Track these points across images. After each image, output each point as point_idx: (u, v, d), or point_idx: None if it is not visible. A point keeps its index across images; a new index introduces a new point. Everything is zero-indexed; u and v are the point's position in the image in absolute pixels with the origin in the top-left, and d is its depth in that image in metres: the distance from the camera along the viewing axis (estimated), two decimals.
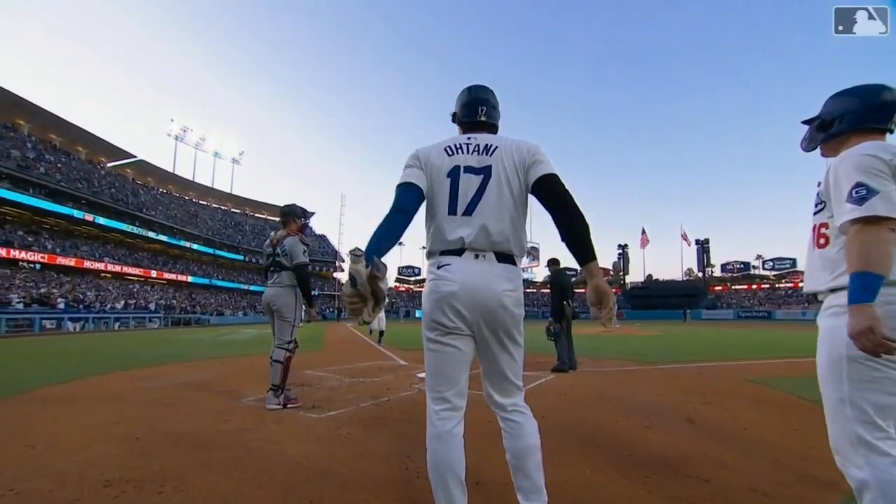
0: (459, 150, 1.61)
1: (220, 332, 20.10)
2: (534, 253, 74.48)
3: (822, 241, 1.48)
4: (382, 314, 10.24)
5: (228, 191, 56.79)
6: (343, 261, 70.24)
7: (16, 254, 26.95)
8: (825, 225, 1.46)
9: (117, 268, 34.14)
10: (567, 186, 1.51)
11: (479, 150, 1.60)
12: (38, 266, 28.43)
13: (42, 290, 24.53)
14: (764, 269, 61.90)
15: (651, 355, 8.54)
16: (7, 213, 29.61)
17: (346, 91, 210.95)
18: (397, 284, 77.96)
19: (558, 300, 6.46)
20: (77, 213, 32.28)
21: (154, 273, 37.51)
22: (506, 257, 1.55)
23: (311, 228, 70.72)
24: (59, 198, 31.34)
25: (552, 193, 1.50)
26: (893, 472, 1.23)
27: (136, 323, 26.37)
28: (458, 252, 1.53)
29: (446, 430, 1.50)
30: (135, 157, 41.43)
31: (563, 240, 1.46)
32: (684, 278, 69.90)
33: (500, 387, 1.58)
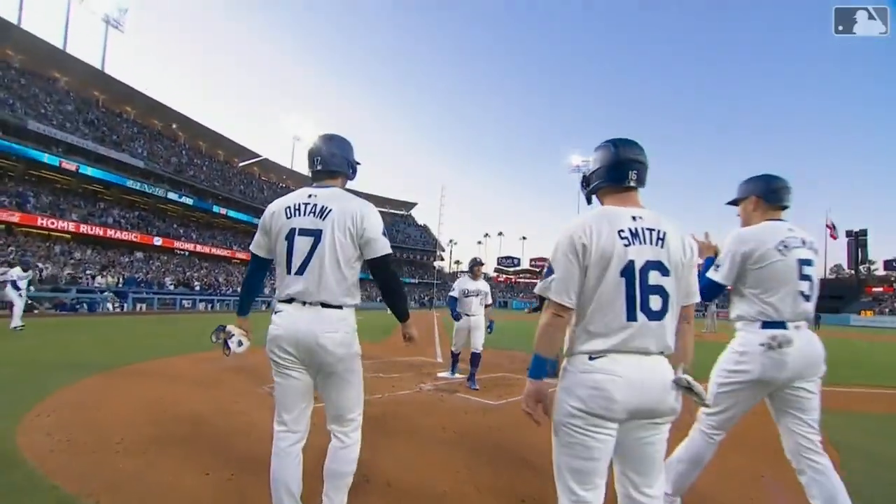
0: (297, 212, 1.86)
1: None
2: None
3: None
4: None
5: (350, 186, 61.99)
6: (443, 249, 72.60)
7: (172, 243, 32.94)
8: None
9: (244, 255, 39.70)
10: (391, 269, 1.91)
11: (314, 212, 1.82)
12: (187, 253, 34.37)
13: (186, 275, 29.64)
14: None
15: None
16: (167, 210, 36.24)
17: (449, 89, 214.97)
18: (496, 274, 78.23)
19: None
20: (216, 208, 38.19)
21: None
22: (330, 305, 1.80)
23: (413, 218, 74.32)
24: (203, 195, 37.38)
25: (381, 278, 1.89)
26: None
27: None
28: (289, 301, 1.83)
29: (281, 449, 1.82)
30: (260, 156, 47.51)
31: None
32: (829, 276, 59.12)
33: (330, 415, 1.90)
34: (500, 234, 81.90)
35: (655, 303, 1.29)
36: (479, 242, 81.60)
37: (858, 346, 15.76)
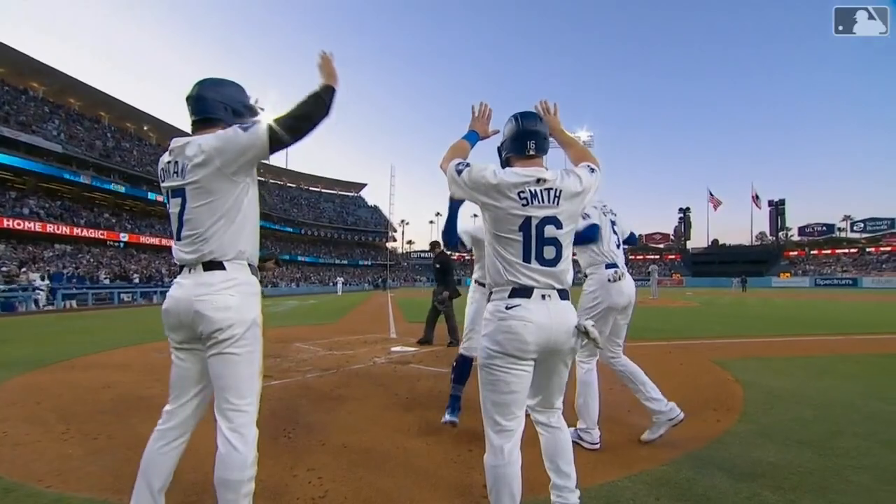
0: (164, 175, 1.65)
1: (265, 303, 21.68)
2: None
3: None
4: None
5: (284, 166, 59.65)
6: (395, 230, 72.03)
7: (103, 234, 30.54)
8: None
9: None
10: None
11: (177, 171, 1.58)
12: (122, 244, 32.05)
13: (123, 267, 27.75)
14: (853, 231, 55.50)
15: (652, 331, 8.27)
16: (95, 198, 33.43)
17: (392, 62, 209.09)
18: (449, 252, 78.45)
19: (441, 277, 6.74)
20: (151, 195, 35.64)
21: None
22: (213, 264, 1.55)
23: (363, 200, 73.00)
24: (136, 182, 34.72)
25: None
26: (490, 460, 1.51)
27: None
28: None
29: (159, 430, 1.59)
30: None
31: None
32: (754, 242, 64.60)
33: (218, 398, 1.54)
34: (438, 214, 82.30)
35: (549, 252, 1.51)
36: (432, 222, 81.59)
37: (775, 303, 17.53)
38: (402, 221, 76.97)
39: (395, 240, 73.45)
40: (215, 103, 1.64)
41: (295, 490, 2.09)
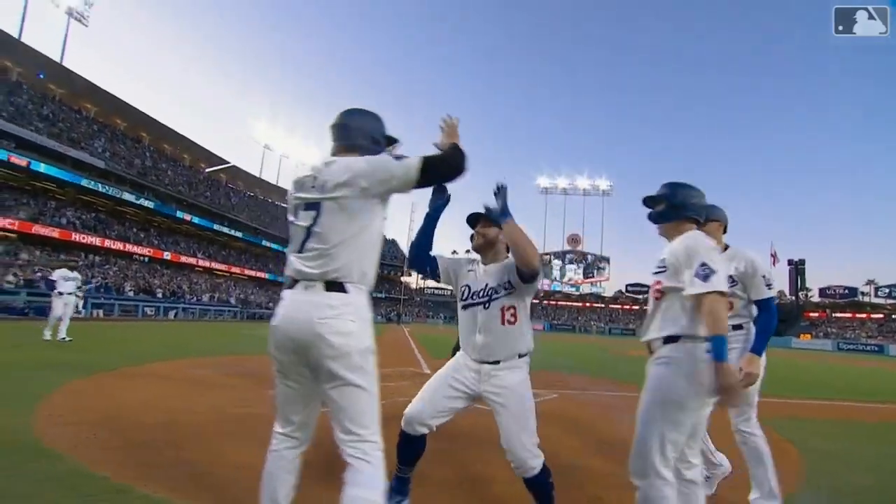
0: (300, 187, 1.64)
1: None
2: (602, 265, 71.47)
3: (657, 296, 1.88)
4: None
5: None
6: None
7: (131, 248, 31.46)
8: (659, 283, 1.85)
9: (207, 263, 38.36)
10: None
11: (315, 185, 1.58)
12: (146, 259, 32.89)
13: (147, 281, 28.37)
14: (877, 296, 54.20)
15: None
16: (126, 213, 34.65)
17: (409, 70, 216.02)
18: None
19: None
20: (179, 214, 36.85)
21: (237, 269, 41.64)
22: (335, 285, 1.50)
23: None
24: (165, 200, 36.02)
25: None
26: (662, 490, 1.66)
27: (217, 314, 29.50)
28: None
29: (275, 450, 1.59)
30: (228, 163, 46.38)
31: None
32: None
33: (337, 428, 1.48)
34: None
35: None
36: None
37: (801, 364, 17.08)
38: None
39: (409, 274, 73.74)
40: (358, 131, 1.71)
41: None
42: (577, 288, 71.89)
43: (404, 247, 69.44)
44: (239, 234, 43.74)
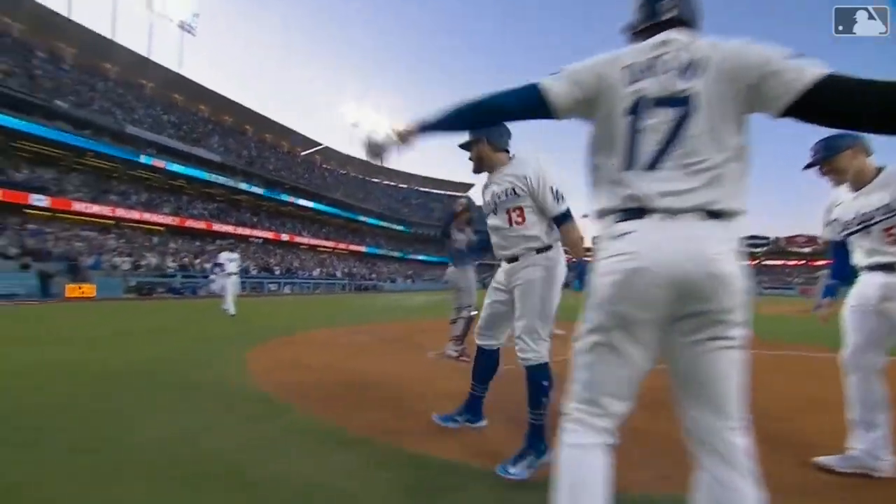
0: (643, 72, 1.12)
1: (394, 297, 23.38)
2: None
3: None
4: None
5: (397, 168, 63.25)
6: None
7: (248, 231, 35.42)
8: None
9: (311, 241, 41.88)
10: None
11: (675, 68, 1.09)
12: (261, 241, 36.82)
13: (265, 261, 31.90)
14: None
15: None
16: (241, 200, 38.85)
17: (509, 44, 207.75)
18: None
19: None
20: (284, 197, 40.42)
21: (337, 245, 44.97)
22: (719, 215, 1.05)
23: (472, 201, 74.24)
24: (272, 185, 39.66)
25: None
26: None
27: (327, 288, 32.42)
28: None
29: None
30: (321, 144, 49.39)
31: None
32: None
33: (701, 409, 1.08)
34: (585, 217, 79.56)
35: None
36: (585, 216, 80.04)
37: None
38: None
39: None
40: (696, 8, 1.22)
41: None
42: None
43: None
44: (336, 212, 46.88)
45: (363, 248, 47.96)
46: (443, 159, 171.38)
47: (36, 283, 15.61)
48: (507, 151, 2.35)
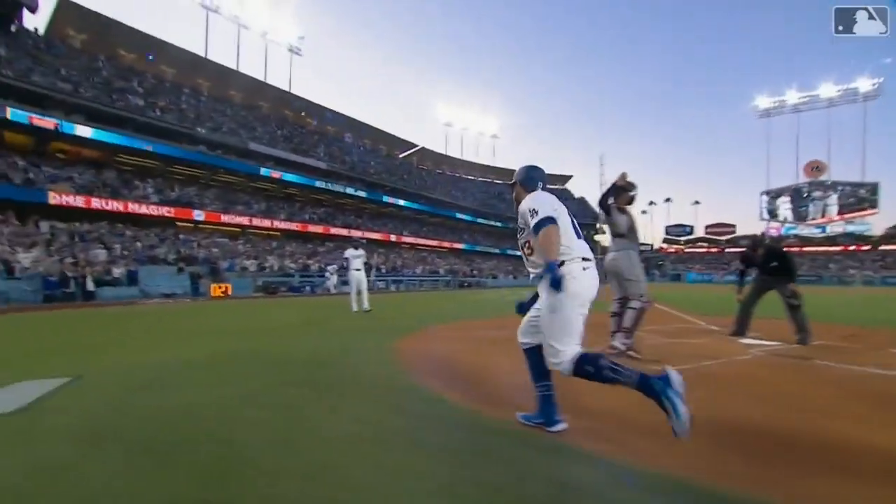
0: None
1: (505, 293, 22.59)
2: (864, 194, 54.33)
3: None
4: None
5: (490, 163, 62.85)
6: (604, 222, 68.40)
7: (354, 233, 37.24)
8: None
9: (412, 239, 42.86)
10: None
11: None
12: (365, 241, 38.42)
13: (371, 260, 33.22)
14: None
15: None
16: (345, 204, 41.12)
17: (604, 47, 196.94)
18: (664, 245, 70.77)
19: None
20: (385, 198, 41.95)
21: (436, 242, 45.53)
22: None
23: (570, 192, 71.56)
24: (374, 188, 41.40)
25: None
26: None
27: (431, 285, 32.75)
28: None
29: None
30: (417, 146, 50.59)
31: None
32: None
33: None
34: (668, 200, 73.02)
35: None
36: (644, 212, 74.05)
37: None
38: None
39: (603, 232, 69.89)
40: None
41: None
42: (822, 228, 56.30)
43: (594, 204, 65.58)
44: (434, 210, 47.59)
45: (461, 246, 48.08)
46: (536, 152, 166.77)
47: (188, 284, 17.64)
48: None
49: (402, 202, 43.34)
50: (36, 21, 30.17)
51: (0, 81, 21.53)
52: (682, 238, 70.14)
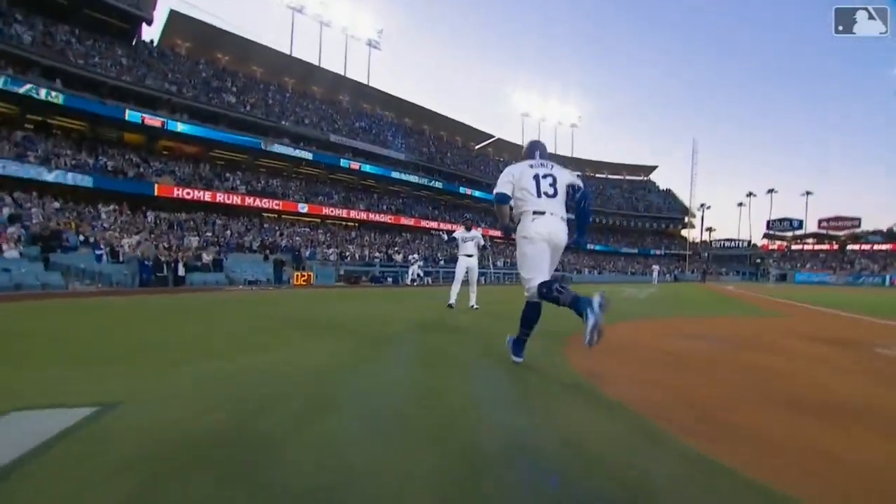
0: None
1: (626, 287, 20.59)
2: None
3: None
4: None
5: (569, 154, 59.55)
6: (693, 215, 62.04)
7: (431, 224, 36.80)
8: None
9: (490, 231, 41.39)
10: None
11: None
12: (441, 233, 37.76)
13: (450, 252, 32.35)
14: None
15: None
16: (422, 196, 40.77)
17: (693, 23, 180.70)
18: (765, 241, 62.70)
19: None
20: (462, 190, 40.99)
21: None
22: None
23: (654, 184, 66.01)
24: (451, 179, 40.60)
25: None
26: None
27: (516, 279, 31.18)
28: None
29: None
30: (493, 137, 48.97)
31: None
32: None
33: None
34: (772, 191, 64.40)
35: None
36: (741, 204, 66.25)
37: None
38: (702, 206, 65.34)
39: (692, 226, 63.35)
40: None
41: None
42: None
43: (683, 195, 59.84)
44: None
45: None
46: (617, 141, 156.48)
47: (272, 271, 17.81)
48: None
49: (477, 193, 42.12)
50: (151, 32, 33.00)
51: (122, 87, 23.59)
52: (789, 234, 61.33)
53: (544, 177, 2.99)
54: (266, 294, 11.83)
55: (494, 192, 3.02)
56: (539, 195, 2.91)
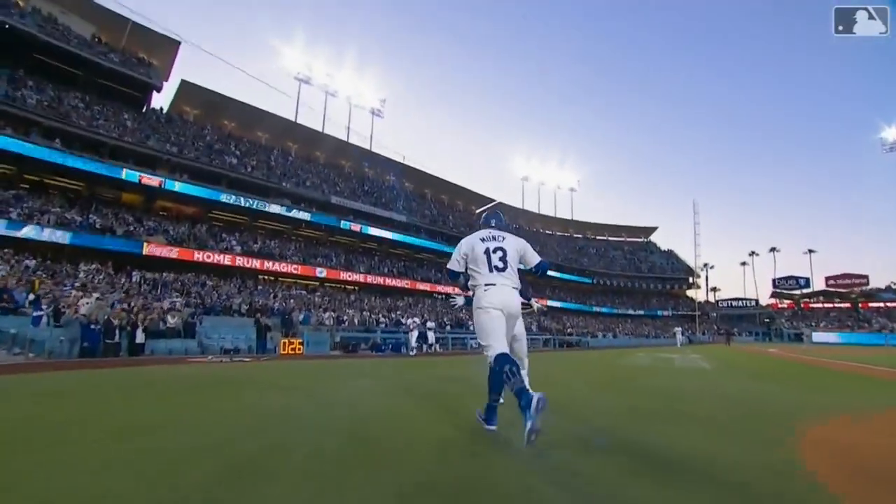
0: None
1: (629, 354, 18.71)
2: None
3: None
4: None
5: (569, 216, 59.57)
6: (698, 276, 60.74)
7: (433, 287, 35.34)
8: None
9: None
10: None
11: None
12: (444, 297, 36.23)
13: (456, 316, 30.60)
14: None
15: None
16: (423, 258, 39.75)
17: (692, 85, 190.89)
18: (774, 300, 60.97)
19: None
20: None
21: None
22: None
23: (654, 244, 65.57)
24: (451, 242, 39.78)
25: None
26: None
27: (532, 343, 28.98)
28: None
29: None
30: (494, 200, 48.99)
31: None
32: None
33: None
34: (774, 249, 63.97)
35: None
36: (744, 263, 65.56)
37: None
38: (706, 265, 64.45)
39: (697, 286, 61.87)
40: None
41: None
42: None
43: (685, 255, 58.95)
44: None
45: (548, 302, 44.15)
46: (616, 204, 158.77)
47: (254, 337, 15.67)
48: None
49: None
50: (160, 100, 33.70)
51: (122, 147, 23.37)
52: (797, 292, 59.73)
53: (494, 251, 3.25)
54: (236, 369, 8.75)
55: (447, 267, 3.47)
56: (490, 270, 3.21)
